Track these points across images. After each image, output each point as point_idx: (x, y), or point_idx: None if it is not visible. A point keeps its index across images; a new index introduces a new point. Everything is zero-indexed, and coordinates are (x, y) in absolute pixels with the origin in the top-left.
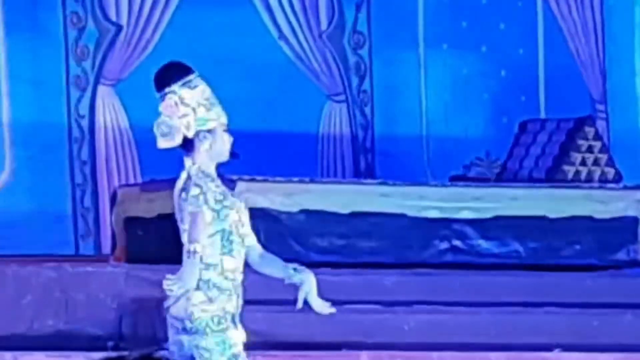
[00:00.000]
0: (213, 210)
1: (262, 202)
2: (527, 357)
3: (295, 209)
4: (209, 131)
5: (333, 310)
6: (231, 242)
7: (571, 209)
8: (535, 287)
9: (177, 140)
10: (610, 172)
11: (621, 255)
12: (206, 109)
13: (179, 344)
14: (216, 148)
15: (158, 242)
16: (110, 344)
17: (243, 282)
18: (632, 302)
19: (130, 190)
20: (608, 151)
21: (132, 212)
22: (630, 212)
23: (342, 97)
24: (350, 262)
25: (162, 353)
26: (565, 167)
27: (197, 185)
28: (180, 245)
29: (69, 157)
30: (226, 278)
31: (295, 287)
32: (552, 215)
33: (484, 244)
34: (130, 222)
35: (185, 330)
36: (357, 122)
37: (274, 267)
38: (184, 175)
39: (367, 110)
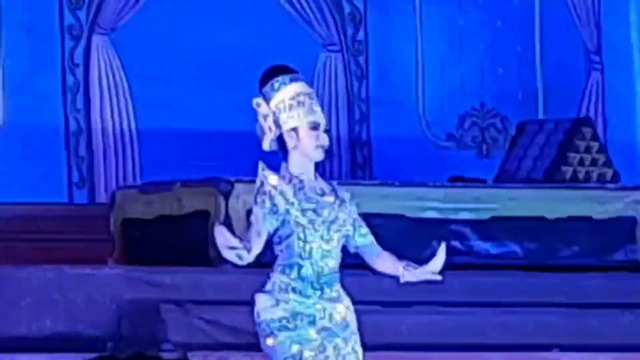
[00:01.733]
0: (265, 210)
1: None
2: (525, 357)
3: None
4: (294, 130)
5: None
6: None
7: (569, 210)
8: (534, 288)
9: (266, 142)
10: (608, 173)
11: (619, 256)
12: (289, 108)
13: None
14: (302, 147)
15: (156, 244)
16: (109, 345)
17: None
18: (630, 302)
19: (128, 192)
20: (606, 151)
21: (130, 214)
22: (628, 213)
23: (337, 47)
24: (350, 264)
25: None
26: (563, 168)
27: (257, 184)
28: (178, 246)
29: (62, 105)
30: (303, 281)
31: None
32: (550, 216)
33: (482, 244)
34: (129, 224)
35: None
36: (352, 72)
37: (387, 265)
38: None
39: (362, 60)
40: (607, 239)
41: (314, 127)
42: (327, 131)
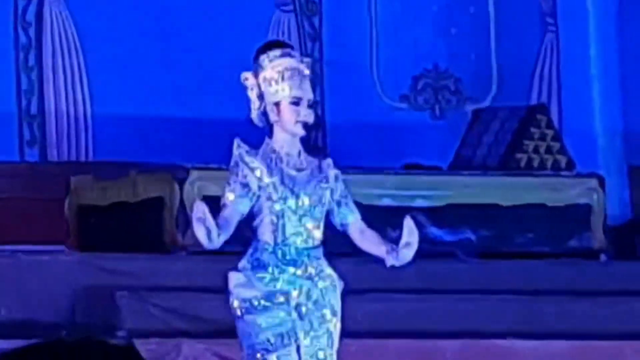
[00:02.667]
0: (236, 193)
1: (215, 191)
2: (481, 344)
3: None
4: (276, 105)
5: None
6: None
7: (524, 197)
8: (489, 275)
9: (253, 114)
10: (563, 160)
11: (574, 243)
12: (275, 82)
13: None
14: (282, 122)
15: (111, 231)
16: (63, 332)
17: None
18: (585, 289)
19: (83, 179)
20: (561, 139)
21: (85, 201)
22: (583, 200)
23: (291, 7)
24: None
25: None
26: (518, 155)
27: (232, 163)
28: (132, 233)
29: (15, 63)
30: (277, 258)
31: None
32: (505, 204)
33: (437, 232)
34: (84, 211)
35: None
36: (305, 32)
37: (372, 245)
38: None
39: (316, 20)
40: (562, 227)
41: (295, 102)
42: (311, 107)
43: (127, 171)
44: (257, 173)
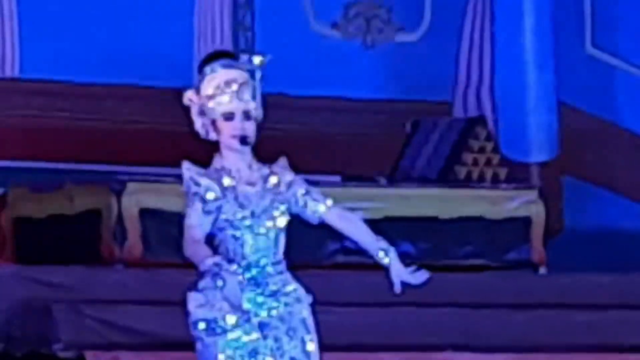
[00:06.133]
0: (198, 213)
1: (153, 203)
2: (418, 357)
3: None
4: (213, 122)
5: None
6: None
7: (462, 210)
8: (427, 288)
9: (199, 131)
10: (502, 173)
11: (513, 256)
12: (209, 100)
13: None
14: (222, 139)
15: (48, 243)
16: (0, 345)
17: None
18: (524, 302)
19: (20, 191)
20: (500, 152)
21: (21, 213)
22: (522, 213)
23: None
24: None
25: None
26: (457, 168)
27: (185, 186)
28: (69, 245)
29: None
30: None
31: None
32: (443, 216)
33: None
34: (20, 223)
35: None
36: None
37: (361, 237)
38: None
39: None
40: (501, 239)
41: (228, 117)
42: (250, 118)
43: (63, 183)
44: (211, 195)
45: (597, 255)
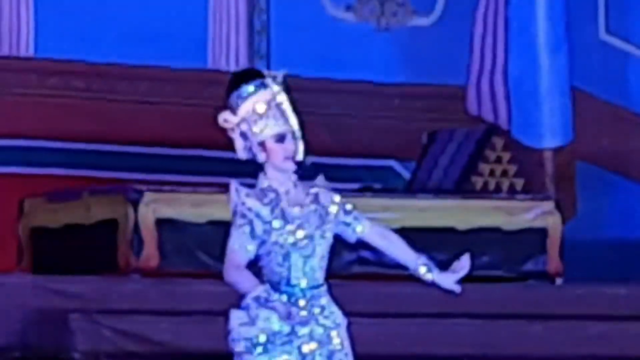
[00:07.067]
0: (243, 238)
1: (169, 213)
2: None
3: (202, 220)
4: (261, 144)
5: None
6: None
7: (479, 221)
8: (443, 298)
9: (240, 153)
10: (519, 183)
11: (529, 267)
12: (255, 122)
13: None
14: (271, 161)
15: (65, 253)
16: (15, 355)
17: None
18: (540, 313)
19: (36, 201)
20: (517, 162)
21: (38, 223)
22: (538, 224)
23: None
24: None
25: None
26: (474, 179)
27: (232, 207)
28: (86, 255)
29: None
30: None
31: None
32: (460, 227)
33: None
34: (37, 233)
35: None
36: None
37: (401, 254)
38: None
39: None
40: (517, 250)
41: (279, 139)
42: (297, 138)
43: (80, 193)
44: (259, 219)
45: (611, 241)
